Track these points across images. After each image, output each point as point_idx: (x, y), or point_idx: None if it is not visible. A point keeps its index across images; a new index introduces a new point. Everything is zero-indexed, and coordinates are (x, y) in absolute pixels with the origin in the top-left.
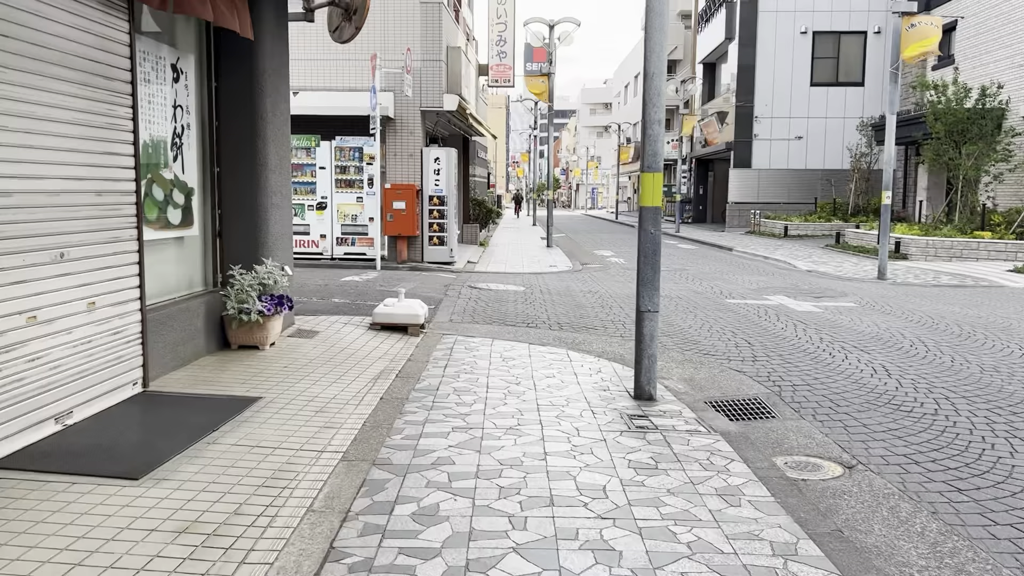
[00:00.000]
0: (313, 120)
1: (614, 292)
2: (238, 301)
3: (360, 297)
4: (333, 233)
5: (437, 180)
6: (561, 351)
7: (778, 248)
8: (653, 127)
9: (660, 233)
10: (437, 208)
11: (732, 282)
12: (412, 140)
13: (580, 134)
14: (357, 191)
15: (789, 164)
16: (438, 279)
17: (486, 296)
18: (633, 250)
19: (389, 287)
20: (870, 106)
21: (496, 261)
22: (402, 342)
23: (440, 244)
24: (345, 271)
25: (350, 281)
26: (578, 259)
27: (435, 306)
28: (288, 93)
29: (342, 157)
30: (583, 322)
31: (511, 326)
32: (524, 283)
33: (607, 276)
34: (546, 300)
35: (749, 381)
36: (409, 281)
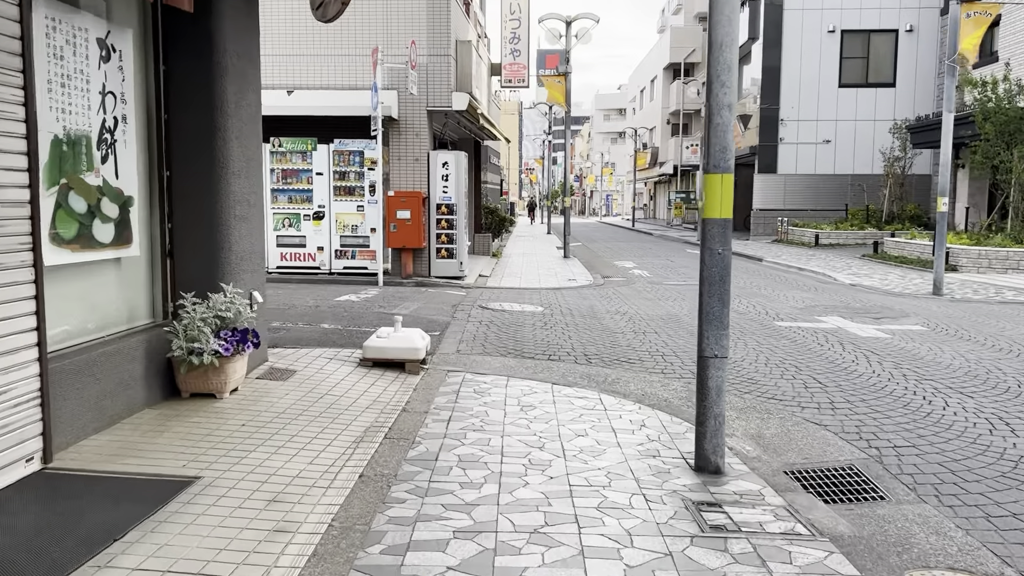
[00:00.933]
0: (309, 121)
1: (645, 312)
2: (187, 339)
3: (354, 322)
4: (332, 245)
5: (445, 187)
6: (592, 395)
7: (811, 258)
8: (722, 114)
9: (730, 254)
10: (445, 217)
11: (774, 299)
12: (418, 143)
13: (594, 140)
14: (358, 199)
15: (817, 169)
16: (446, 297)
17: (499, 319)
18: (657, 260)
19: (389, 308)
20: (902, 107)
21: (510, 275)
22: (397, 383)
23: (449, 257)
24: (343, 288)
25: (345, 301)
26: (598, 271)
27: (441, 332)
28: (258, 80)
29: (341, 162)
30: (614, 353)
31: (529, 358)
32: (542, 301)
33: (634, 292)
34: (568, 324)
35: (834, 439)
36: (412, 300)
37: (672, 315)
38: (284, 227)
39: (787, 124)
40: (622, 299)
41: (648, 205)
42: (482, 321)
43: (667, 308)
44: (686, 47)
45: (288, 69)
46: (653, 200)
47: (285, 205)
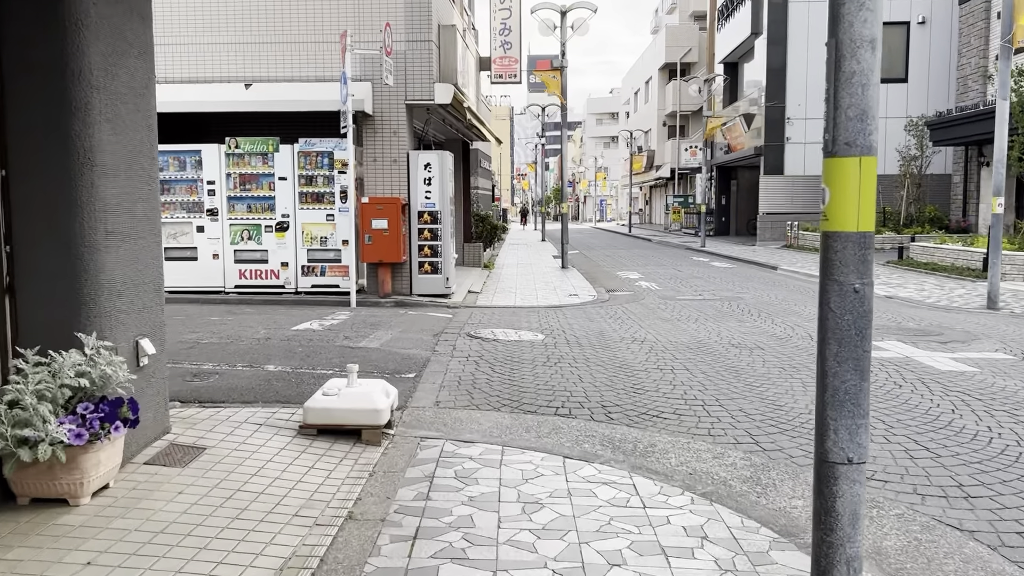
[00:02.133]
0: (271, 118)
1: (665, 338)
2: (13, 423)
3: (308, 361)
4: (297, 260)
5: (428, 192)
6: (621, 477)
7: None
8: (859, 56)
9: (871, 290)
10: (428, 227)
11: (809, 317)
12: (396, 142)
13: (586, 145)
14: (327, 207)
15: None
16: (428, 321)
17: (491, 353)
18: (662, 270)
19: (356, 340)
20: (915, 103)
21: (503, 290)
22: (348, 464)
23: (433, 272)
24: (308, 311)
25: (304, 331)
26: (601, 284)
27: (417, 373)
28: (146, 42)
29: (308, 165)
30: (640, 402)
31: (531, 413)
32: (541, 325)
33: (646, 311)
34: (576, 358)
35: (997, 560)
36: (387, 327)
37: (699, 342)
38: (243, 240)
39: (794, 123)
40: (634, 320)
41: (644, 210)
42: (470, 356)
43: (690, 332)
44: (682, 46)
45: (245, 58)
46: (649, 205)
47: (244, 215)
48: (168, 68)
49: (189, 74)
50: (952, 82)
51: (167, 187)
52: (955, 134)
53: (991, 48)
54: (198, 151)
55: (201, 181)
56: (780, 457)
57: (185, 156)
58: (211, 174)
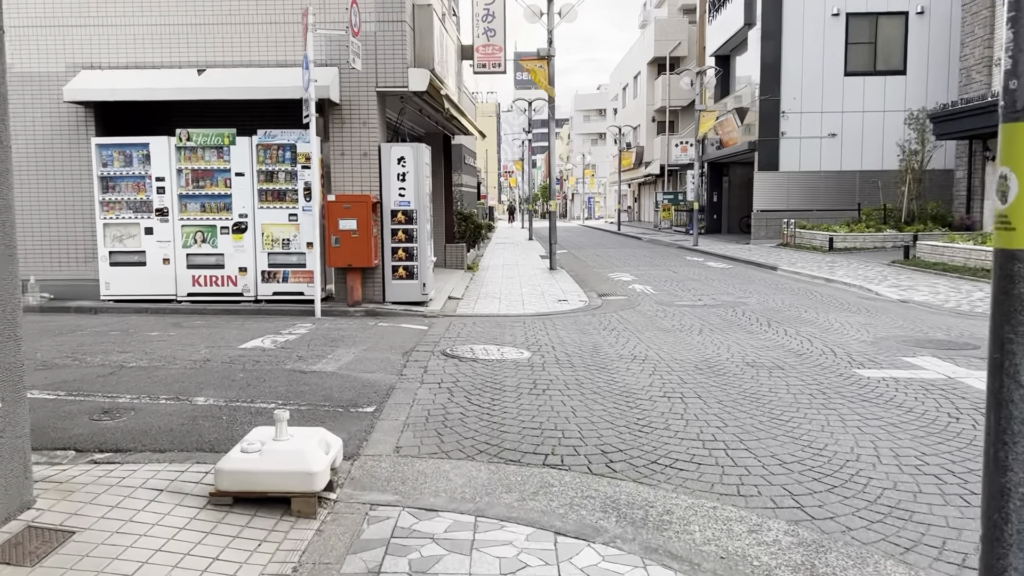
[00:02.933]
0: (227, 107)
1: (669, 355)
2: None
3: (248, 391)
4: (257, 265)
5: (402, 188)
6: (632, 566)
7: (833, 266)
8: None
9: None
10: (403, 227)
11: (827, 326)
12: (366, 134)
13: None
14: (289, 206)
15: (822, 165)
16: (399, 335)
17: (468, 377)
18: (656, 272)
19: (311, 362)
20: (914, 96)
21: (487, 295)
22: (265, 553)
23: (408, 277)
24: (266, 323)
25: (253, 350)
26: (592, 288)
27: (377, 407)
28: None
29: (268, 159)
30: (648, 445)
31: (513, 462)
32: (528, 338)
33: (643, 320)
34: (568, 382)
35: None
36: (350, 343)
37: (707, 360)
38: (196, 243)
39: (789, 117)
40: (632, 331)
41: (632, 208)
42: (443, 381)
43: (695, 347)
44: (671, 40)
45: (198, 41)
46: (638, 202)
47: (197, 215)
48: (111, 52)
49: (135, 59)
50: (952, 74)
51: (111, 184)
52: (960, 127)
53: (997, 37)
54: (145, 144)
55: (149, 178)
56: (835, 530)
57: (131, 150)
58: (160, 170)
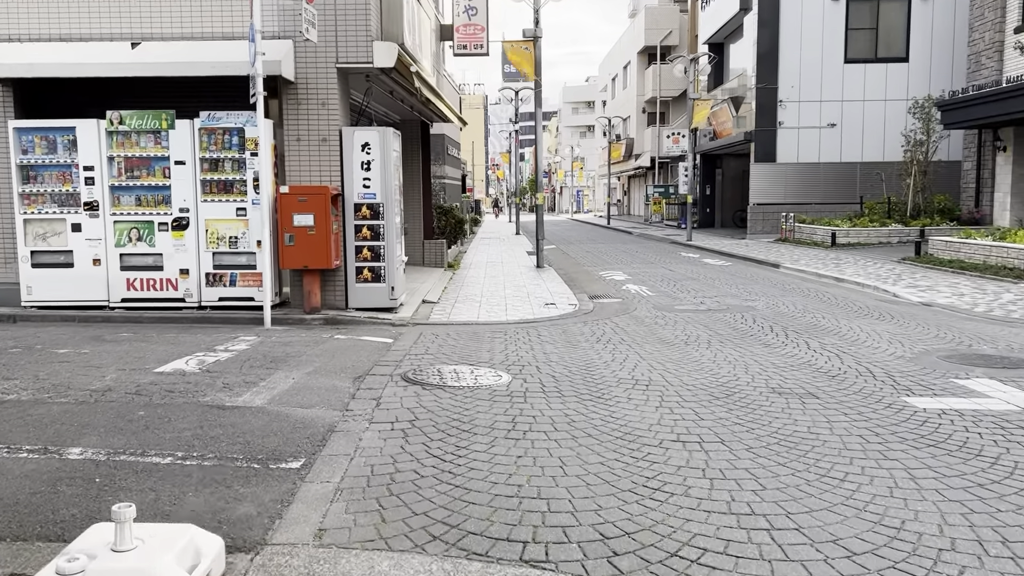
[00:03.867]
0: (165, 86)
1: (677, 378)
2: None
3: (145, 436)
4: (200, 267)
5: (367, 179)
6: None
7: (839, 263)
8: None
9: None
10: (368, 224)
11: (850, 337)
12: (325, 116)
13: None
14: (237, 199)
15: (821, 157)
16: (357, 352)
17: (431, 411)
18: (651, 269)
19: (239, 391)
20: (917, 84)
21: (466, 298)
22: None
23: (374, 280)
24: (201, 336)
25: (171, 375)
26: (582, 288)
27: (307, 461)
28: None
29: (212, 145)
30: (664, 522)
31: (479, 557)
32: (508, 355)
33: (642, 328)
34: (557, 419)
35: None
36: (294, 363)
37: (724, 385)
38: (131, 242)
39: (786, 106)
40: (629, 345)
41: (622, 201)
42: (397, 420)
43: (706, 366)
44: (662, 29)
45: (133, 10)
46: (627, 195)
47: (132, 210)
48: (31, 22)
49: (59, 30)
50: (957, 61)
51: (33, 174)
52: (970, 115)
53: (1008, 21)
54: (71, 128)
55: (76, 167)
56: None
57: (55, 135)
58: (89, 158)
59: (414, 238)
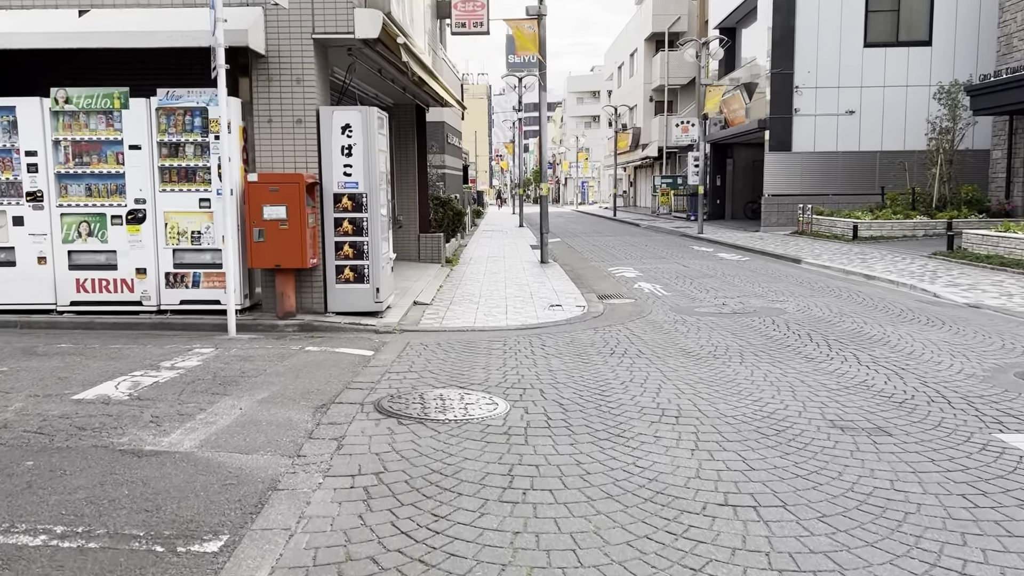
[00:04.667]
0: (117, 60)
1: (707, 404)
2: None
3: (19, 501)
4: (159, 266)
5: (348, 165)
6: None
7: (865, 259)
8: None
9: None
10: (350, 216)
11: (904, 349)
12: (300, 94)
13: (567, 125)
14: (200, 188)
15: (839, 145)
16: (326, 372)
17: (405, 461)
18: (663, 265)
19: (169, 426)
20: (940, 69)
21: (463, 299)
22: None
23: (357, 280)
24: (150, 348)
25: (91, 404)
26: (591, 287)
27: (229, 540)
28: None
29: (172, 127)
30: None
31: None
32: (507, 374)
33: (658, 336)
34: (566, 470)
35: None
36: (246, 387)
37: (772, 417)
38: (81, 237)
39: (803, 92)
40: (648, 358)
41: (628, 192)
42: (360, 473)
43: (745, 388)
44: (670, 14)
45: None
46: (634, 186)
47: (81, 200)
48: None
49: None
50: (984, 45)
51: None
52: (1002, 101)
53: None
54: (11, 108)
55: (17, 151)
56: None
57: None
58: (31, 141)
59: (409, 232)
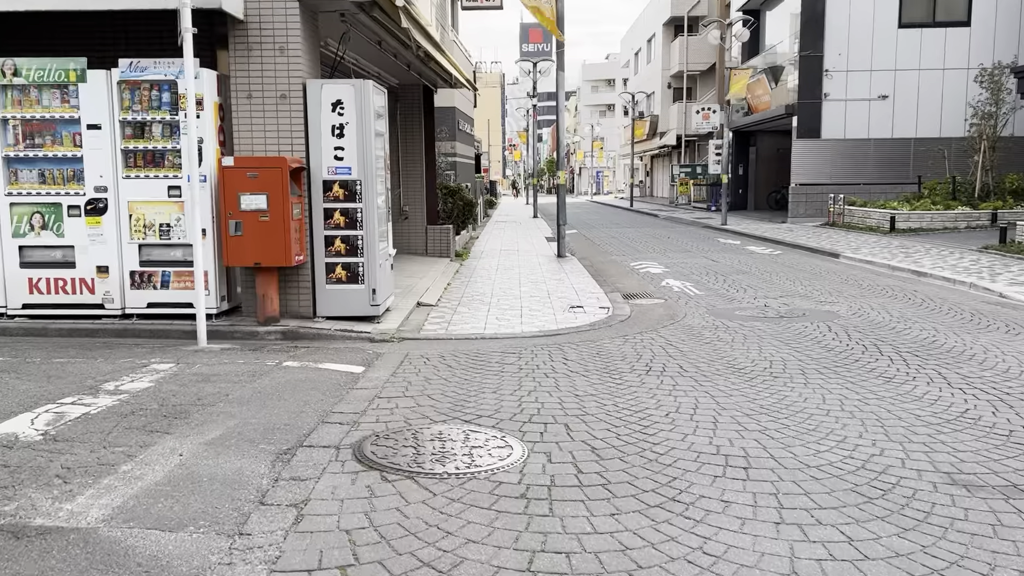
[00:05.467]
0: (72, 25)
1: (779, 445)
2: None
3: None
4: (124, 264)
5: (339, 148)
6: None
7: (908, 253)
8: None
9: None
10: (341, 207)
11: (997, 366)
12: (284, 66)
13: (581, 114)
14: (170, 174)
15: (871, 132)
16: (307, 393)
17: (385, 548)
18: (690, 260)
19: (81, 483)
20: (980, 51)
21: (473, 298)
22: None
23: (350, 280)
24: (100, 363)
25: (4, 438)
26: (613, 284)
27: None
28: None
29: (137, 103)
30: None
31: None
32: (523, 401)
33: (700, 345)
34: (609, 565)
35: None
36: (198, 421)
37: (875, 469)
38: (33, 230)
39: (833, 76)
40: (693, 377)
41: (644, 182)
42: (318, 567)
43: (820, 421)
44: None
45: None
46: (650, 176)
47: (34, 188)
48: None
49: None
50: None
51: None
52: None
53: None
54: None
55: None
56: None
57: None
58: None
59: (415, 223)
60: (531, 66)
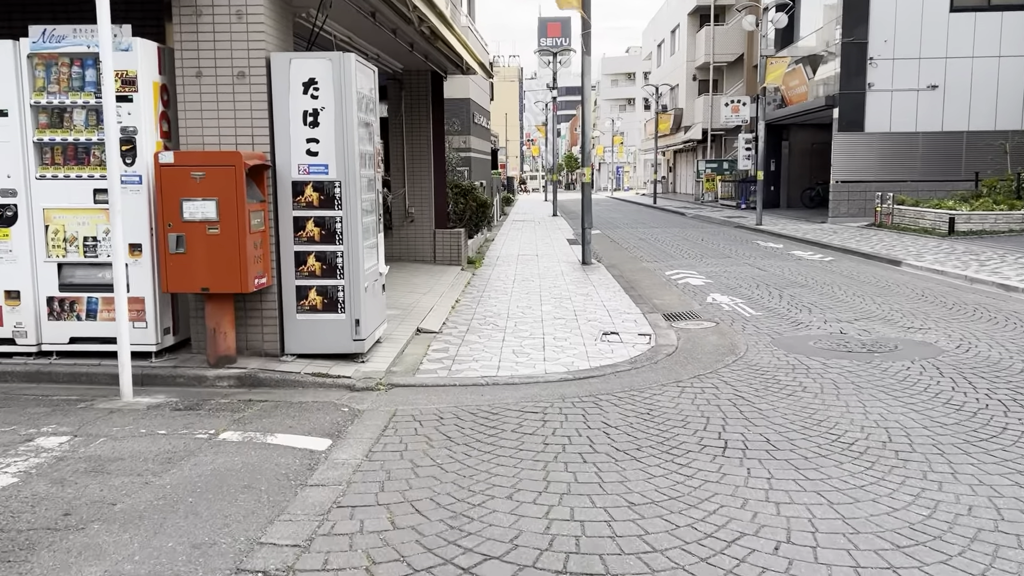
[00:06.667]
0: None
1: None
2: None
3: None
4: (39, 288)
5: (313, 140)
6: None
7: (981, 261)
8: None
9: None
10: (316, 215)
11: None
12: (243, 35)
13: (601, 108)
14: (96, 173)
15: (919, 125)
16: (238, 496)
17: None
18: (731, 268)
19: None
20: None
21: (484, 323)
22: None
23: (327, 309)
24: None
25: None
26: (651, 300)
27: None
28: None
29: (54, 83)
30: None
31: None
32: (552, 520)
33: (783, 399)
34: None
35: None
36: (52, 559)
37: None
38: None
39: (878, 64)
40: (788, 458)
41: (667, 178)
42: None
43: (1004, 548)
44: None
45: None
46: (673, 172)
47: None
48: None
49: None
50: None
51: None
52: None
53: None
54: None
55: None
56: None
57: None
58: None
59: (422, 227)
60: (551, 56)
